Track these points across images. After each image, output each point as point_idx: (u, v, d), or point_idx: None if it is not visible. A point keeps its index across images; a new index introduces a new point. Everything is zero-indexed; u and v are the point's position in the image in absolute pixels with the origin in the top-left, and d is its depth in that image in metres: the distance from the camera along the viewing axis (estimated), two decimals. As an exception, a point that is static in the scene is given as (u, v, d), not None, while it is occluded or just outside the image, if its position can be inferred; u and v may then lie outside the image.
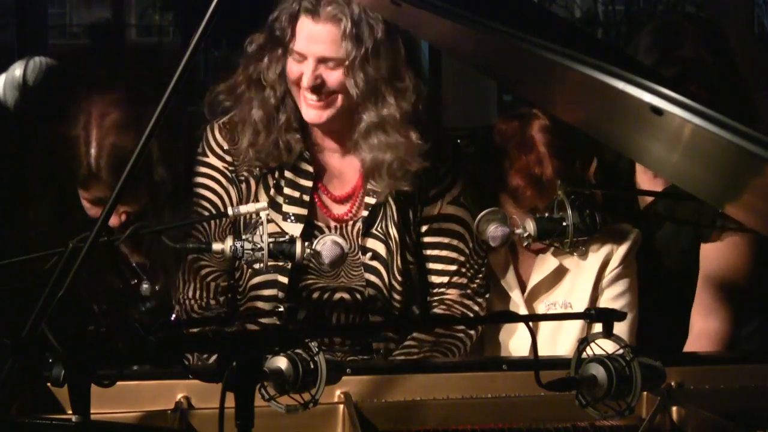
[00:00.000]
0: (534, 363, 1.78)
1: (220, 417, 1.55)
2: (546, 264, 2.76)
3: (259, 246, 2.34)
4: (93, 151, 2.61)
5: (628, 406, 1.76)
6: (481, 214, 2.60)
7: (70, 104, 2.68)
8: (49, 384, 2.12)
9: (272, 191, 2.61)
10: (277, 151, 2.57)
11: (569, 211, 2.49)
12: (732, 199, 1.88)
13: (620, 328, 1.89)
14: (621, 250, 2.74)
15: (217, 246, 2.36)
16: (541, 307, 2.78)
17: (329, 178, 2.66)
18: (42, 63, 2.70)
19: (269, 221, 2.52)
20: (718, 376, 2.37)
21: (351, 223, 2.63)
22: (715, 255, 2.84)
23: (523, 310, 2.75)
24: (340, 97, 2.51)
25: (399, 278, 2.63)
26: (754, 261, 2.84)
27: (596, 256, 2.73)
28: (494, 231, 2.52)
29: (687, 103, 1.44)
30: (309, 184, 2.61)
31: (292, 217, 2.60)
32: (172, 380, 2.24)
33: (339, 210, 2.65)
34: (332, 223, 2.64)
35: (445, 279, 2.69)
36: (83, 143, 2.62)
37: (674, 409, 2.22)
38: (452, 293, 2.69)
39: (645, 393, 2.18)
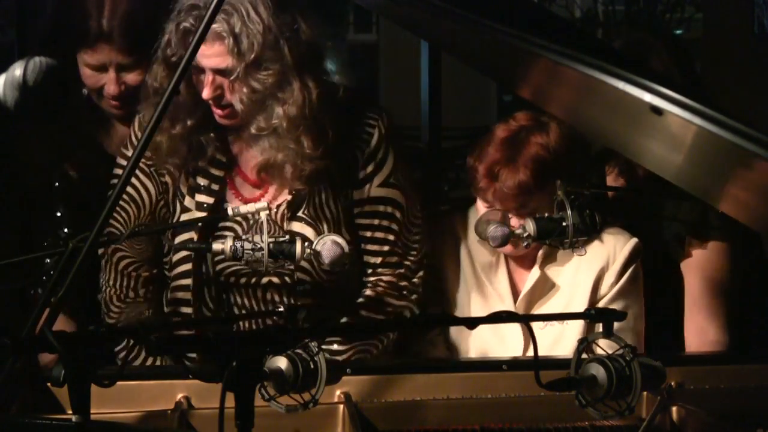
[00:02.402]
0: (534, 363, 1.78)
1: (220, 417, 1.55)
2: (539, 276, 2.71)
3: (259, 246, 2.34)
4: (106, 11, 2.67)
5: (628, 406, 1.76)
6: (481, 214, 2.60)
7: None
8: (49, 384, 2.12)
9: (191, 179, 2.61)
10: (190, 153, 2.58)
11: (569, 211, 2.48)
12: (735, 201, 1.88)
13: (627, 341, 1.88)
14: (617, 264, 2.68)
15: (217, 246, 2.36)
16: (535, 322, 2.73)
17: (247, 163, 2.63)
18: (42, 63, 2.70)
19: (187, 210, 2.57)
20: (718, 376, 2.37)
21: (275, 206, 2.60)
22: (695, 269, 2.83)
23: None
24: (237, 109, 2.52)
25: None
26: (734, 264, 2.82)
27: (590, 270, 2.68)
28: (494, 231, 2.52)
29: (687, 103, 1.44)
30: (220, 173, 2.61)
31: (204, 205, 2.60)
32: (172, 380, 2.24)
33: (254, 193, 2.62)
34: (242, 206, 2.53)
35: (378, 259, 2.67)
36: (95, 5, 2.68)
37: (674, 409, 2.23)
38: (386, 274, 2.67)
39: (645, 393, 2.18)
